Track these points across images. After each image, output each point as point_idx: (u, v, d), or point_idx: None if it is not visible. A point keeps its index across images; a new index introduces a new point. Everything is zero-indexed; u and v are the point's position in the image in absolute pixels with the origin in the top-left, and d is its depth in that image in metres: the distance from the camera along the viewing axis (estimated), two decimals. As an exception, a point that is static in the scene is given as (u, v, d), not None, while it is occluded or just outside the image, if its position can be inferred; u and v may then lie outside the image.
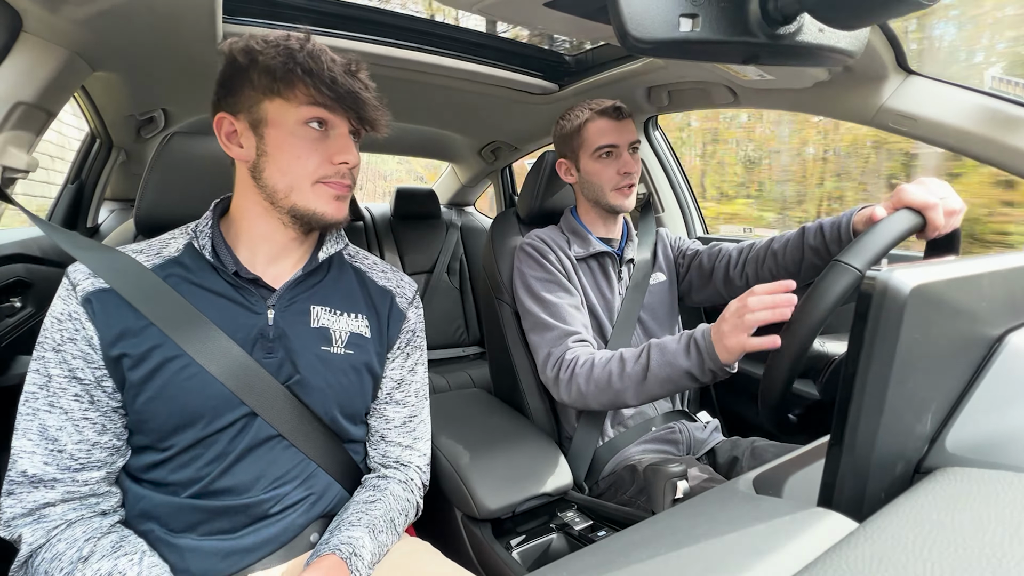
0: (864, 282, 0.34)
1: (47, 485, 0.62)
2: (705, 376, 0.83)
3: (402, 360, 0.83)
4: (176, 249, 0.72)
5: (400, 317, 0.82)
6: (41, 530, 0.61)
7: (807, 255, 0.98)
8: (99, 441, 0.64)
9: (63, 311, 0.64)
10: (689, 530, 0.37)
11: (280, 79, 0.65)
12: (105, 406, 0.65)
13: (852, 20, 0.44)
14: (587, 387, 0.95)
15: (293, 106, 0.67)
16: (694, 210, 1.81)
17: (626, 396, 0.91)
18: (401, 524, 0.78)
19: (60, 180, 1.74)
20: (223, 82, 0.69)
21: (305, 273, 0.75)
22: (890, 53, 0.96)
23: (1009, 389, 0.40)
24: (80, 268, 0.67)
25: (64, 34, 0.96)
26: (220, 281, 0.70)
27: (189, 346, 0.66)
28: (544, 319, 1.05)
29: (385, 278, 0.84)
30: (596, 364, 0.95)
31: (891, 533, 0.28)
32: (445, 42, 1.37)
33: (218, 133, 0.70)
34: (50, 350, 0.64)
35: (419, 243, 2.37)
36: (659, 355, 0.87)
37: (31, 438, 0.62)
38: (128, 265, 0.68)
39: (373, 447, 0.83)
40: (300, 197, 0.69)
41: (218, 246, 0.71)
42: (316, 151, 0.69)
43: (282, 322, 0.72)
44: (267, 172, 0.68)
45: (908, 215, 0.71)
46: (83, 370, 0.63)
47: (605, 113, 1.09)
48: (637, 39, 0.40)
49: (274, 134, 0.67)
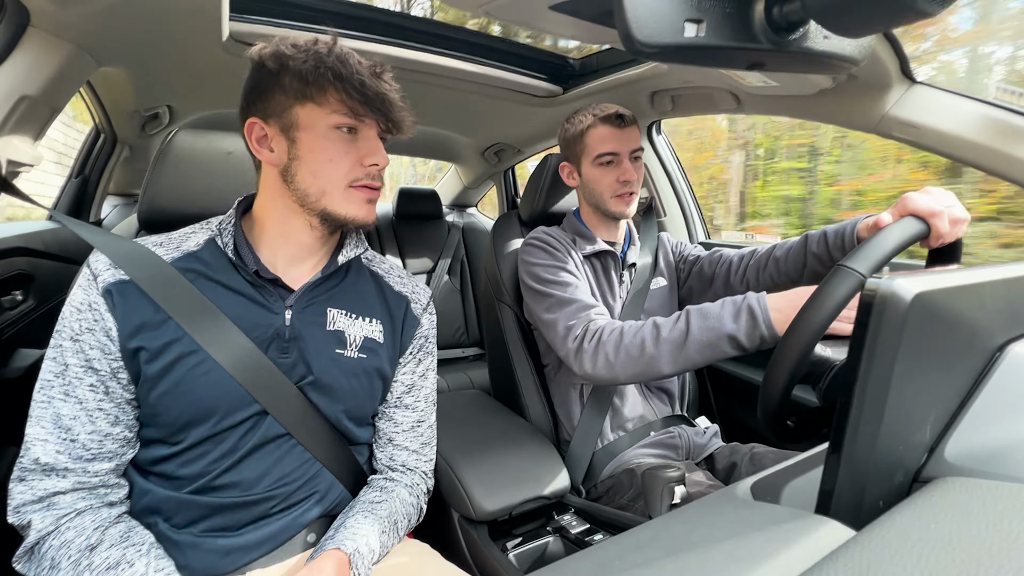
0: (865, 289, 0.34)
1: (59, 474, 0.62)
2: (753, 342, 0.80)
3: (414, 365, 0.84)
4: (196, 244, 0.72)
5: (414, 323, 0.83)
6: (51, 517, 0.61)
7: (809, 262, 0.98)
8: (111, 432, 0.65)
9: (83, 300, 0.65)
10: (685, 536, 0.37)
11: (311, 84, 0.66)
12: (119, 397, 0.65)
13: (858, 28, 0.44)
14: (616, 356, 0.90)
15: (325, 111, 0.67)
16: (696, 215, 1.81)
17: (660, 364, 0.86)
18: (403, 527, 0.78)
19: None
20: (253, 87, 0.70)
21: (324, 276, 0.75)
22: (894, 62, 0.96)
23: (1009, 399, 0.40)
24: (101, 258, 0.67)
25: (70, 29, 0.96)
26: (239, 279, 0.71)
27: (205, 342, 0.66)
28: (560, 296, 1.02)
29: (401, 284, 0.85)
30: (626, 331, 0.91)
31: (888, 542, 0.28)
32: (450, 43, 1.38)
33: (248, 138, 0.70)
34: (68, 339, 0.64)
35: (421, 243, 2.37)
36: (700, 319, 0.84)
37: (45, 426, 0.62)
38: (148, 258, 0.68)
39: (380, 449, 0.84)
40: (331, 201, 0.70)
41: (240, 245, 0.72)
42: (348, 154, 0.69)
43: (298, 323, 0.72)
44: (299, 176, 0.69)
45: (913, 222, 0.71)
46: (100, 361, 0.64)
47: (608, 120, 1.09)
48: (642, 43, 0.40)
49: (306, 138, 0.68)
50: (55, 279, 1.33)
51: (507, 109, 1.72)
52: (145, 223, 0.90)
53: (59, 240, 1.40)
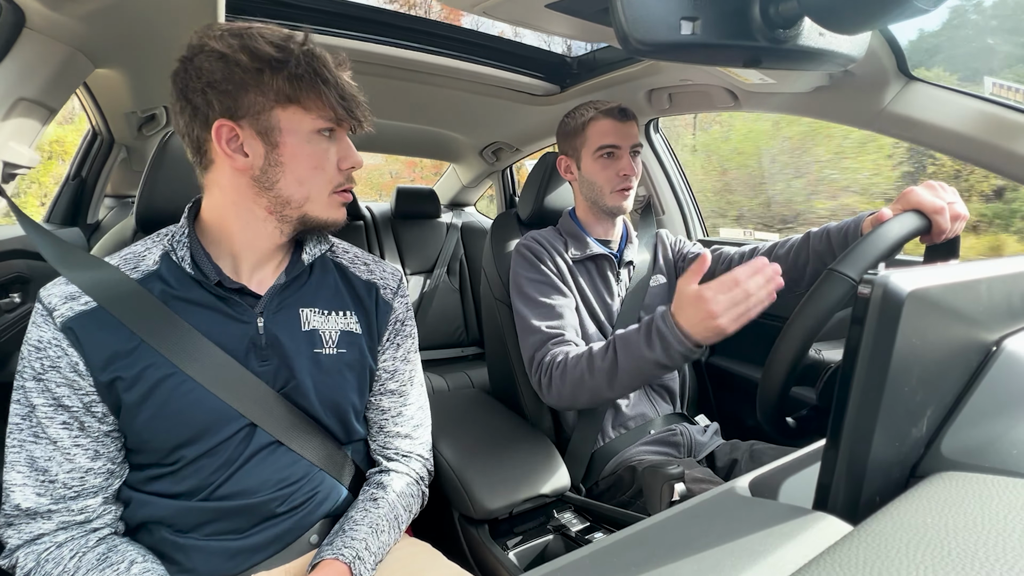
0: (862, 285, 0.34)
1: (43, 516, 0.61)
2: (676, 362, 0.81)
3: (393, 351, 0.82)
4: (153, 262, 0.68)
5: (387, 309, 0.81)
6: (33, 554, 0.60)
7: (812, 260, 0.98)
8: (92, 467, 0.63)
9: (40, 338, 0.61)
10: (684, 532, 0.37)
11: (302, 87, 0.63)
12: (96, 431, 0.63)
13: (852, 25, 0.44)
14: (564, 387, 0.95)
15: (310, 116, 0.64)
16: (694, 212, 1.81)
17: (603, 392, 0.90)
18: (405, 520, 0.78)
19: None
20: (217, 83, 0.62)
21: (290, 277, 0.73)
22: (891, 58, 0.96)
23: (1005, 394, 0.40)
24: (54, 292, 0.63)
25: (66, 30, 0.96)
26: (203, 292, 0.68)
27: (182, 362, 0.64)
28: (530, 323, 1.05)
29: (368, 271, 0.83)
30: (569, 362, 0.95)
31: (885, 537, 0.28)
32: (448, 43, 1.37)
33: (217, 142, 0.63)
34: (30, 379, 0.61)
35: (419, 243, 2.37)
36: (624, 349, 0.86)
37: (20, 470, 0.60)
38: (117, 280, 0.65)
39: (373, 440, 0.83)
40: (314, 207, 0.68)
41: (197, 256, 0.68)
42: (329, 159, 0.68)
43: (273, 328, 0.70)
44: (282, 183, 0.66)
45: (915, 217, 0.72)
46: (69, 397, 0.61)
47: (610, 114, 1.10)
48: (638, 41, 0.40)
49: (290, 142, 0.65)
50: None
51: (505, 108, 1.72)
52: (142, 224, 0.90)
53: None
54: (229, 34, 0.63)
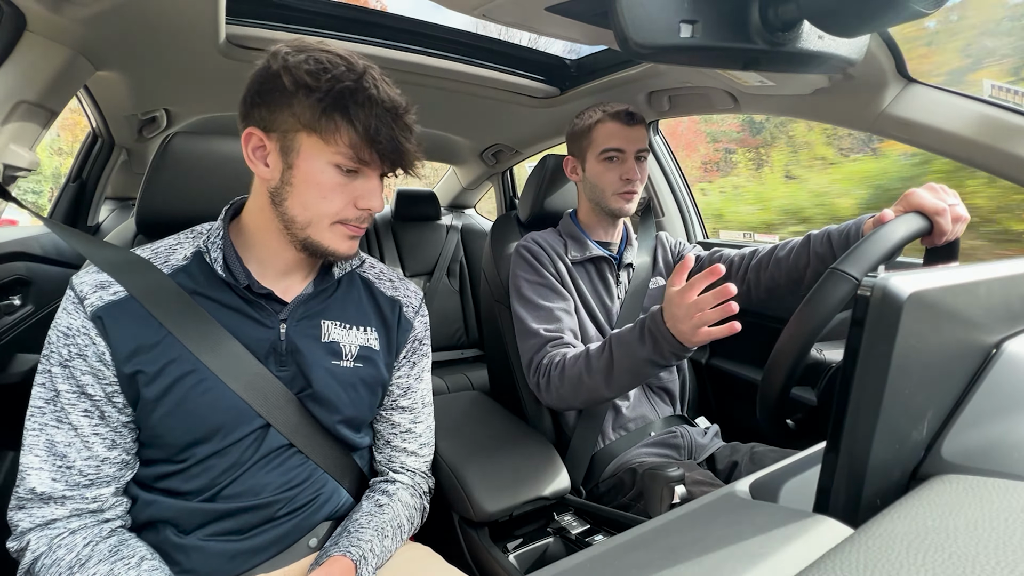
0: (862, 288, 0.34)
1: (56, 502, 0.61)
2: (668, 360, 0.81)
3: (408, 368, 0.84)
4: (184, 257, 0.70)
5: (408, 327, 0.83)
6: (45, 538, 0.61)
7: (812, 262, 0.98)
8: (109, 456, 0.63)
9: (70, 325, 0.62)
10: (684, 534, 0.37)
11: (322, 119, 0.62)
12: (115, 421, 0.64)
13: (851, 28, 0.44)
14: (563, 386, 0.96)
15: (330, 149, 0.63)
16: (694, 215, 1.82)
17: (601, 391, 0.91)
18: (407, 530, 0.79)
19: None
20: (259, 93, 0.64)
21: (318, 288, 0.75)
22: (890, 60, 0.96)
23: (1005, 397, 0.40)
24: (86, 280, 0.64)
25: (67, 33, 0.96)
26: (231, 294, 0.69)
27: (206, 358, 0.65)
28: (528, 326, 1.06)
29: (393, 288, 0.84)
30: (566, 363, 0.96)
31: (885, 540, 0.28)
32: (448, 45, 1.38)
33: (244, 147, 0.66)
34: (57, 365, 0.62)
35: (419, 245, 2.37)
36: (619, 347, 0.87)
37: (38, 454, 0.61)
38: (147, 270, 0.66)
39: (379, 451, 0.84)
40: (316, 232, 0.68)
41: (229, 259, 0.69)
42: (342, 193, 0.66)
43: (294, 336, 0.71)
44: (289, 202, 0.66)
45: (916, 219, 0.72)
46: (93, 386, 0.62)
47: (616, 117, 1.10)
48: (638, 44, 0.40)
49: (304, 167, 0.64)
50: (53, 284, 1.33)
51: (505, 110, 1.72)
52: (142, 227, 0.90)
53: (57, 245, 1.40)
54: (294, 50, 0.63)
